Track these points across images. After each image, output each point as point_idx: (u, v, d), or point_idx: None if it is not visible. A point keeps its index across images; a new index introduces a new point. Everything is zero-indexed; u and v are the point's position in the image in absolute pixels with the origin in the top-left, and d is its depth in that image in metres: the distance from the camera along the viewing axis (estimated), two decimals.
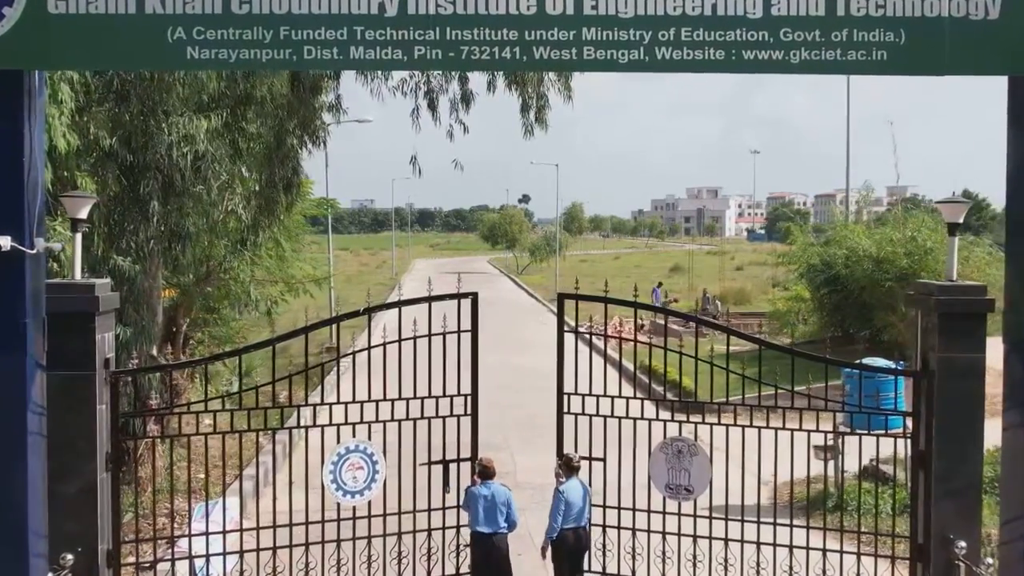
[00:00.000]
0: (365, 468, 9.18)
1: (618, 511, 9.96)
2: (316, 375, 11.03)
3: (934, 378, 8.34)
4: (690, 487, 9.44)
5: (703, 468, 9.45)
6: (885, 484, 12.82)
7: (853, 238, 23.51)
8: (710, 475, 9.45)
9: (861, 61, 6.58)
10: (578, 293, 9.92)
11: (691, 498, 9.50)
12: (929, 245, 21.38)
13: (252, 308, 15.88)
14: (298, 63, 6.45)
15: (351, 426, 9.25)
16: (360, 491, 9.22)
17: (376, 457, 9.26)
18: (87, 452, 7.87)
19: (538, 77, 11.11)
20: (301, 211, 18.40)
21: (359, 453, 9.19)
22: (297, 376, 9.55)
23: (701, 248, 75.36)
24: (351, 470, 9.12)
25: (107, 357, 8.04)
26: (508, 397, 22.15)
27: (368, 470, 9.21)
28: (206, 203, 11.37)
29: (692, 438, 9.58)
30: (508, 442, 17.63)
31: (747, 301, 42.73)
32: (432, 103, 11.82)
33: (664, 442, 9.63)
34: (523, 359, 28.16)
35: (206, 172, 10.96)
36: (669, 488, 9.55)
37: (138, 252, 10.83)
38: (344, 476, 9.13)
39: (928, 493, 8.46)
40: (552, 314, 41.22)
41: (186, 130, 10.64)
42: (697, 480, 9.43)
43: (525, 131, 11.30)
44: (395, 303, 9.54)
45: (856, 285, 22.37)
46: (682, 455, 9.51)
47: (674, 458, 9.52)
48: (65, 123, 9.60)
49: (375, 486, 9.27)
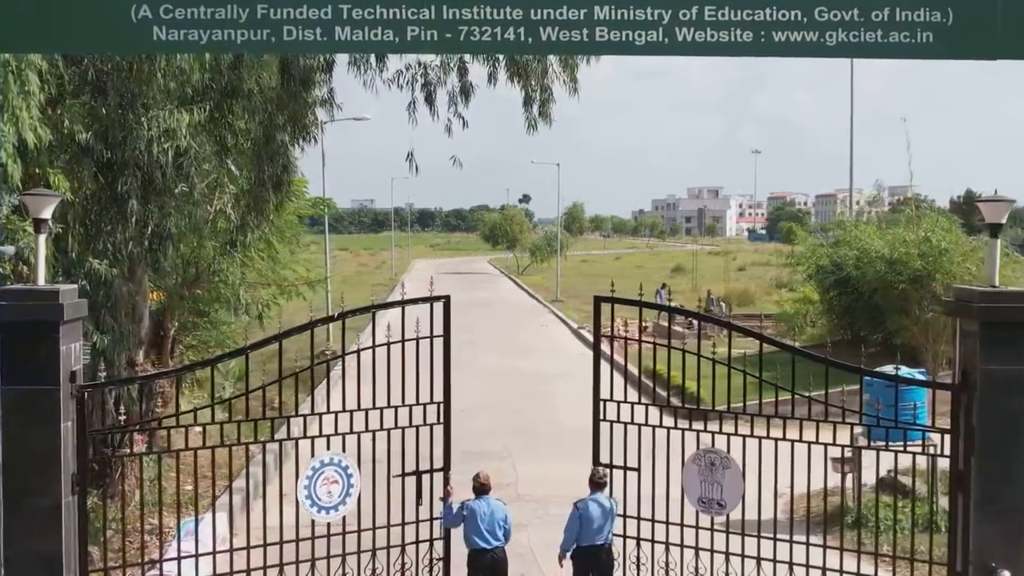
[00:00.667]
0: (340, 482, 8.80)
1: (652, 524, 9.58)
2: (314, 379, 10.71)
3: (974, 392, 7.68)
4: (723, 501, 9.09)
5: (735, 482, 9.03)
6: (905, 498, 12.17)
7: (864, 239, 22.81)
8: (742, 489, 9.08)
9: (904, 43, 5.93)
10: (614, 297, 9.63)
11: (723, 513, 9.13)
12: (944, 246, 20.66)
13: (242, 312, 15.21)
14: (277, 45, 5.80)
15: (325, 438, 8.89)
16: (335, 506, 8.85)
17: (351, 470, 8.87)
18: (50, 473, 7.21)
19: (542, 68, 10.46)
20: (294, 211, 17.74)
21: (334, 467, 8.79)
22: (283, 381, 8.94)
23: (702, 248, 74.62)
24: (326, 484, 8.76)
25: (73, 370, 7.37)
26: (508, 402, 21.51)
27: (343, 484, 8.85)
28: (189, 202, 10.70)
29: (725, 449, 9.15)
30: (509, 450, 16.95)
31: (751, 302, 42.06)
32: (430, 96, 11.16)
33: (697, 453, 9.25)
34: (523, 362, 27.55)
35: (188, 169, 10.30)
36: (702, 502, 9.18)
37: (116, 254, 10.17)
38: (319, 491, 8.75)
39: (967, 516, 7.82)
40: (553, 315, 40.87)
41: (167, 124, 9.98)
42: (729, 494, 9.03)
43: (528, 126, 10.66)
44: (369, 307, 9.20)
45: (867, 287, 21.65)
46: (715, 467, 9.11)
47: (707, 470, 9.13)
48: (36, 116, 8.94)
49: (350, 500, 8.90)
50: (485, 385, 23.73)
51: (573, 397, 22.51)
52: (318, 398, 18.19)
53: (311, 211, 20.39)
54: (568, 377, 25.28)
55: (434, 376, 9.35)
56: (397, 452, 9.29)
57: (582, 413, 20.16)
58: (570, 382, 24.61)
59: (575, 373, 26.15)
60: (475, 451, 16.85)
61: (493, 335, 34.12)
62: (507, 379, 24.81)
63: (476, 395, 22.35)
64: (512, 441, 17.67)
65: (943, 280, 20.94)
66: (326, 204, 24.74)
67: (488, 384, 23.92)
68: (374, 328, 9.16)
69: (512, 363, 27.48)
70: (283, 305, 16.80)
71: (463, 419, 20.03)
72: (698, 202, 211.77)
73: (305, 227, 38.79)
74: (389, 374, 9.02)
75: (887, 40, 5.93)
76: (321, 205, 22.95)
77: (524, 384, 24.07)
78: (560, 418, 19.73)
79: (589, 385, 25.66)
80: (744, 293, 43.48)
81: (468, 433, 18.38)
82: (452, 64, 10.99)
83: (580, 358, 29.05)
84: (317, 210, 21.42)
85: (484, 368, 26.56)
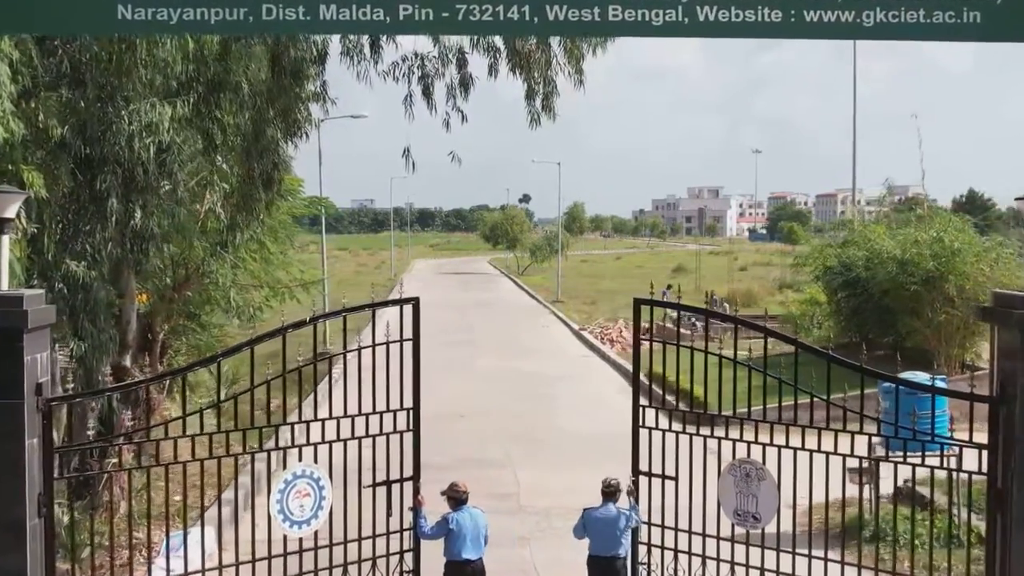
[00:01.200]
0: (312, 495, 8.47)
1: (688, 535, 9.23)
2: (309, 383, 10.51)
3: (1014, 405, 7.10)
4: (757, 515, 8.69)
5: (771, 494, 8.66)
6: (924, 510, 11.60)
7: (875, 239, 22.25)
8: (777, 502, 8.67)
9: (948, 24, 5.36)
10: (653, 299, 9.35)
11: (758, 526, 8.74)
12: (956, 246, 20.13)
13: (233, 314, 14.66)
14: (255, 25, 5.24)
15: (297, 449, 8.65)
16: (307, 520, 8.50)
17: (323, 482, 8.57)
18: (14, 494, 6.63)
19: (545, 59, 9.89)
20: (288, 210, 17.18)
21: (306, 479, 8.46)
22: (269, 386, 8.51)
23: (704, 248, 74.08)
24: (298, 498, 8.43)
25: (39, 382, 6.78)
26: (508, 406, 20.94)
27: (315, 497, 8.50)
28: (172, 200, 10.14)
29: (760, 460, 8.75)
30: (510, 457, 16.36)
31: (754, 303, 41.47)
32: (427, 89, 10.58)
33: (733, 464, 8.87)
34: (524, 364, 26.98)
35: (172, 166, 9.73)
36: (737, 515, 8.82)
37: (95, 256, 9.59)
38: (291, 505, 8.40)
39: (1006, 538, 7.24)
40: (553, 316, 40.30)
41: (149, 119, 9.41)
42: (764, 507, 8.67)
43: (531, 120, 10.08)
44: (340, 311, 8.95)
45: (877, 288, 21.12)
46: (750, 479, 8.75)
47: (742, 481, 8.78)
48: (8, 109, 8.38)
49: (322, 514, 8.58)
50: (485, 388, 23.18)
51: (575, 401, 22.00)
52: (307, 406, 18.18)
53: (306, 210, 19.81)
54: (570, 380, 24.72)
55: (404, 381, 9.17)
56: (369, 461, 9.02)
57: (585, 418, 19.86)
58: (572, 385, 24.06)
59: (577, 376, 25.62)
60: (474, 458, 16.31)
61: (493, 336, 33.57)
62: (507, 382, 24.22)
63: (475, 398, 21.81)
64: (513, 448, 17.07)
65: (956, 281, 20.46)
66: (323, 203, 24.15)
67: (488, 387, 23.35)
68: (345, 333, 8.90)
69: (512, 365, 26.90)
70: (276, 308, 16.23)
71: (462, 423, 19.55)
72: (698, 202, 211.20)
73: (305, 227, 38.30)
74: (360, 381, 8.81)
75: (929, 21, 5.37)
76: (317, 204, 22.37)
77: (525, 387, 23.47)
78: (562, 423, 19.15)
79: (591, 388, 25.13)
80: (747, 294, 42.86)
81: (467, 438, 17.83)
82: (451, 55, 10.43)
83: (582, 360, 28.52)
84: (312, 209, 20.84)
85: (484, 370, 26.01)
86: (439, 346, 31.19)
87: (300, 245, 51.07)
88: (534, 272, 68.39)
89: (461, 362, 27.33)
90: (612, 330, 32.54)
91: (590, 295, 48.54)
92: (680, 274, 63.78)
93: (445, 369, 26.12)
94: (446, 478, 14.89)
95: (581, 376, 25.57)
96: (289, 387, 8.88)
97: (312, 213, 23.34)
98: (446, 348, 30.57)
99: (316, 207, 21.75)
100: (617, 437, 17.84)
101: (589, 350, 30.54)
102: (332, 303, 33.06)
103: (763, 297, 44.16)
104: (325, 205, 25.12)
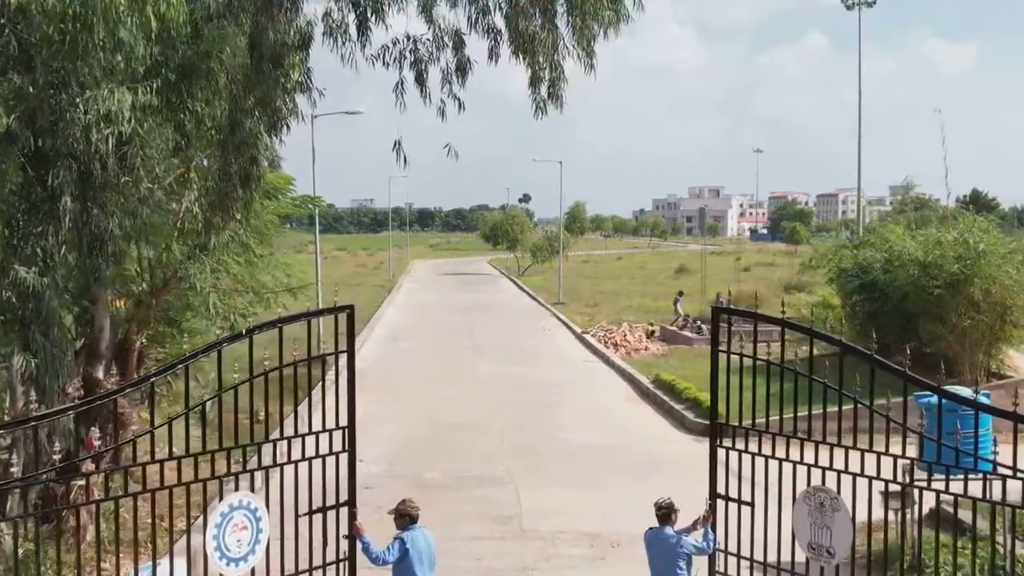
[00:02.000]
0: (249, 528, 7.90)
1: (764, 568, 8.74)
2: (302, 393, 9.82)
3: None
4: (832, 549, 8.11)
5: (845, 526, 8.08)
6: (963, 535, 10.59)
7: (895, 240, 21.17)
8: (851, 535, 8.12)
9: None
10: (731, 308, 9.23)
11: (832, 562, 8.16)
12: (982, 248, 19.07)
13: (213, 321, 13.60)
14: None
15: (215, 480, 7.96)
16: (244, 557, 7.91)
17: (260, 513, 8.01)
18: None
19: (551, 40, 8.86)
20: (275, 210, 16.10)
21: (243, 510, 7.85)
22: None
23: (706, 248, 73.06)
24: (235, 532, 7.85)
25: None
26: (508, 416, 19.86)
27: (252, 530, 7.92)
28: (136, 198, 9.09)
29: (835, 489, 8.17)
30: (511, 474, 15.29)
31: (761, 305, 40.35)
32: (420, 75, 9.53)
33: (807, 491, 8.30)
34: (525, 370, 25.92)
35: (134, 160, 8.69)
36: (812, 548, 8.25)
37: (47, 260, 8.55)
38: (228, 540, 7.78)
39: None
40: (555, 318, 39.21)
41: (107, 107, 8.37)
42: (839, 541, 8.11)
43: (536, 108, 9.02)
44: (276, 321, 8.45)
45: (897, 292, 20.05)
46: (824, 509, 8.15)
47: (816, 512, 8.18)
48: None
49: (259, 548, 8.02)
50: (485, 396, 22.12)
51: (580, 409, 20.91)
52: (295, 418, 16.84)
53: (295, 210, 18.74)
54: (574, 387, 23.65)
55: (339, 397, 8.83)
56: (305, 486, 8.42)
57: (591, 428, 18.78)
58: (576, 392, 22.99)
59: (581, 382, 24.53)
60: (472, 475, 15.27)
61: (494, 340, 32.54)
62: (508, 389, 23.17)
63: (475, 408, 20.75)
64: (514, 462, 16.03)
65: (981, 284, 19.39)
66: (315, 203, 23.03)
67: (488, 395, 22.30)
68: (281, 346, 8.17)
69: (514, 371, 25.87)
70: (261, 314, 15.18)
71: (461, 434, 18.49)
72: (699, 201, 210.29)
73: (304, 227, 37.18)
74: (296, 397, 8.32)
75: None
76: (309, 203, 21.27)
77: (527, 395, 22.41)
78: (567, 435, 18.08)
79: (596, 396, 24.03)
80: (753, 296, 41.78)
81: (465, 451, 16.77)
82: (446, 37, 9.37)
83: (585, 365, 27.44)
84: (303, 209, 19.77)
85: (484, 377, 24.97)
86: (438, 350, 30.32)
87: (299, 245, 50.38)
88: (535, 273, 67.38)
89: (460, 368, 26.31)
90: (616, 334, 31.45)
91: (592, 297, 47.50)
92: (683, 275, 62.84)
93: (444, 375, 25.13)
94: (441, 498, 13.98)
95: (585, 383, 24.54)
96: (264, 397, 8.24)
97: (304, 213, 22.23)
98: (445, 353, 29.62)
99: (307, 206, 20.66)
100: (626, 450, 16.97)
101: (592, 354, 29.49)
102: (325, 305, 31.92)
103: (769, 299, 42.99)
104: (318, 204, 24.01)
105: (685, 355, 26.96)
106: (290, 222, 23.98)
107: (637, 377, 23.86)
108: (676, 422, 19.32)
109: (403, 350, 30.51)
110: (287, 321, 8.38)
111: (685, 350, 28.01)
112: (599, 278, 63.01)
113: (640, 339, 30.65)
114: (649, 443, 17.53)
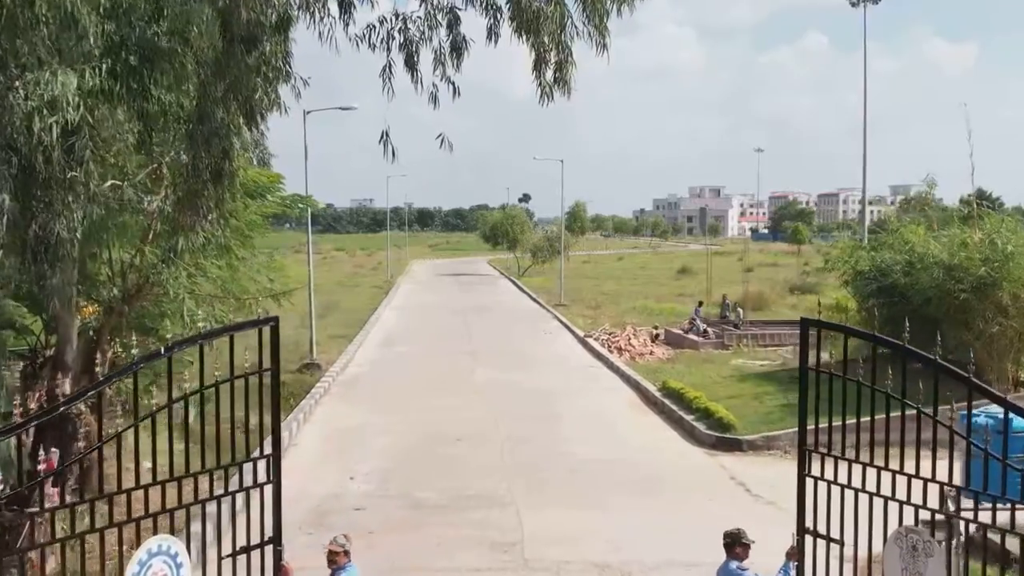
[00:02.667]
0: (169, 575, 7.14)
1: None
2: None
3: None
4: None
5: (938, 574, 7.28)
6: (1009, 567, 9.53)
7: (916, 241, 20.08)
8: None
9: None
10: (821, 320, 8.22)
11: None
12: (1010, 249, 17.99)
13: (189, 329, 12.53)
14: None
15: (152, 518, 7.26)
16: None
17: (181, 558, 7.25)
18: None
19: (558, 15, 7.80)
20: (259, 209, 15.01)
21: (162, 556, 7.07)
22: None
23: (710, 248, 71.96)
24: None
25: None
26: (508, 428, 18.74)
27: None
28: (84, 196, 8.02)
29: (928, 531, 7.47)
30: (512, 493, 14.17)
31: (766, 306, 39.31)
32: (410, 58, 8.44)
33: (899, 532, 7.52)
34: (526, 377, 24.80)
35: (83, 152, 7.62)
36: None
37: None
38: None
39: None
40: (557, 320, 38.12)
41: (51, 92, 7.29)
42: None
43: (541, 93, 7.95)
44: (195, 337, 8.11)
45: (919, 296, 18.96)
46: (916, 553, 7.35)
47: (908, 556, 7.38)
48: None
49: None
50: (484, 406, 21.01)
51: (584, 420, 19.77)
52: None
53: (284, 210, 17.66)
54: (577, 394, 22.54)
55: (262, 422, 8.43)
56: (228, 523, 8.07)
57: (596, 440, 17.62)
58: (580, 400, 21.87)
59: (584, 389, 23.39)
60: (470, 494, 14.16)
61: (493, 344, 31.45)
62: (509, 398, 22.06)
63: (473, 418, 19.63)
64: (515, 480, 14.95)
65: (1010, 288, 18.31)
66: (306, 202, 21.93)
67: (487, 404, 21.18)
68: (202, 365, 7.51)
69: (514, 378, 24.75)
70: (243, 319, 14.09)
71: (458, 449, 17.38)
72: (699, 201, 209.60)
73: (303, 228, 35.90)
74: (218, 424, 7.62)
75: None
76: (299, 203, 20.18)
77: (528, 404, 21.29)
78: (571, 448, 16.96)
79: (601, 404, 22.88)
80: (759, 297, 40.68)
81: (463, 468, 15.67)
82: (440, 15, 8.31)
83: (588, 371, 26.33)
84: (292, 209, 18.68)
85: (483, 384, 23.87)
86: (435, 355, 29.21)
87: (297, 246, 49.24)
88: (535, 273, 66.30)
89: (458, 375, 25.22)
90: (620, 337, 30.33)
91: (594, 298, 46.42)
92: (685, 276, 61.75)
93: (440, 383, 24.00)
94: (437, 521, 12.87)
95: (589, 390, 23.44)
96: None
97: (295, 214, 21.13)
98: (443, 357, 28.50)
99: (297, 206, 19.57)
100: (633, 465, 15.83)
101: (596, 359, 28.38)
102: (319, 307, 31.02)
103: (775, 301, 41.99)
104: (309, 204, 22.90)
105: (692, 360, 25.80)
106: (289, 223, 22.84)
107: (643, 384, 22.77)
108: (686, 433, 18.24)
109: (399, 354, 29.45)
110: (208, 337, 7.81)
111: (691, 354, 26.88)
112: (600, 279, 61.92)
113: (645, 343, 29.54)
114: (658, 457, 16.46)
